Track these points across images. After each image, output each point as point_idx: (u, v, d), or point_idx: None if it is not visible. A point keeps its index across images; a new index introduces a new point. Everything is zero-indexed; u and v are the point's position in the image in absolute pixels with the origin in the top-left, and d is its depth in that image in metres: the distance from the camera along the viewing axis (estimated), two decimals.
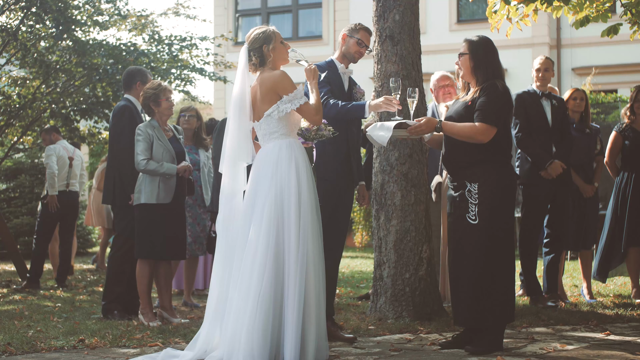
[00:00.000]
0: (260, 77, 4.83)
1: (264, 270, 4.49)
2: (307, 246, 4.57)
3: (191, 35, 12.27)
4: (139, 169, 6.28)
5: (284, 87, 4.72)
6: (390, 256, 6.16)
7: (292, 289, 4.47)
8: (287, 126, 4.77)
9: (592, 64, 19.04)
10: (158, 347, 5.15)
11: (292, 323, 4.42)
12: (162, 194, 6.32)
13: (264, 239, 4.54)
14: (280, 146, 4.73)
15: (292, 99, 4.71)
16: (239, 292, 4.53)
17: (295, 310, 4.43)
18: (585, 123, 7.43)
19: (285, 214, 4.59)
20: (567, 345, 5.04)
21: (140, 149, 6.27)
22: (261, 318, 4.40)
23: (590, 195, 7.38)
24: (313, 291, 4.56)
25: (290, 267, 4.51)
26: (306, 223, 4.61)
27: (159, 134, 6.39)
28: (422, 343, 5.19)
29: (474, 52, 5.03)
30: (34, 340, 5.35)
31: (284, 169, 4.65)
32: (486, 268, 4.80)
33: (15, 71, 12.37)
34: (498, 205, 4.84)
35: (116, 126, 6.71)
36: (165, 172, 6.27)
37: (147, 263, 6.37)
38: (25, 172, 15.36)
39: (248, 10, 23.11)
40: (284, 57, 4.94)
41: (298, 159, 4.71)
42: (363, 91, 5.71)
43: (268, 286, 4.47)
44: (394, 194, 6.18)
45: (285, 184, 4.62)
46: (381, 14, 6.30)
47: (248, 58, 4.85)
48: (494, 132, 4.86)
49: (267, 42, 4.85)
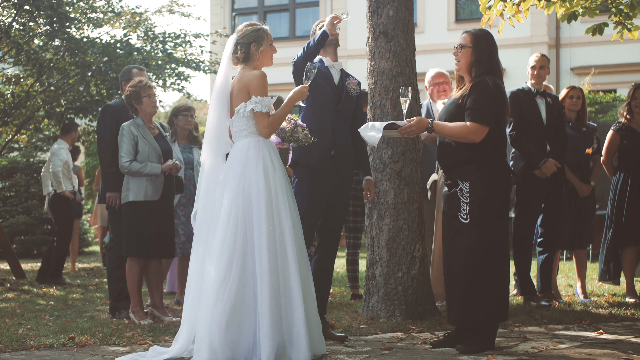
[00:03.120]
0: (240, 74, 4.83)
1: (231, 268, 4.50)
2: (285, 246, 4.56)
3: (185, 32, 12.24)
4: (123, 171, 6.27)
5: (257, 87, 4.72)
6: (383, 255, 6.12)
7: (266, 287, 4.45)
8: (255, 125, 4.76)
9: (591, 63, 18.99)
10: (148, 345, 5.12)
11: (266, 320, 4.40)
12: (150, 191, 6.29)
13: (230, 239, 4.54)
14: (249, 145, 4.73)
15: (257, 102, 4.71)
16: (205, 292, 4.55)
17: (268, 308, 4.42)
18: (581, 121, 7.39)
19: (254, 213, 4.58)
20: (559, 344, 5.00)
21: (123, 150, 6.24)
22: (225, 316, 4.42)
23: (586, 194, 7.33)
24: (296, 288, 4.53)
25: (263, 265, 4.49)
26: (280, 220, 4.60)
27: (144, 132, 6.35)
28: (413, 342, 5.15)
29: (477, 45, 4.92)
30: (23, 338, 5.32)
31: (251, 168, 4.65)
32: (478, 267, 4.75)
33: (9, 69, 12.33)
34: (490, 203, 4.79)
35: (98, 126, 6.87)
36: (149, 173, 6.25)
37: (137, 261, 6.34)
38: (21, 171, 15.34)
39: (245, 9, 23.05)
40: (268, 59, 4.94)
41: (266, 157, 4.70)
42: (357, 81, 5.62)
43: (234, 284, 4.48)
44: (387, 193, 6.14)
45: (253, 183, 4.62)
46: (375, 9, 6.26)
47: (234, 50, 4.84)
48: (486, 131, 4.80)
49: (256, 42, 4.84)
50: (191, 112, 7.40)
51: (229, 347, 4.40)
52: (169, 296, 8.01)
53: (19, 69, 12.11)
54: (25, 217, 14.76)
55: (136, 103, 6.37)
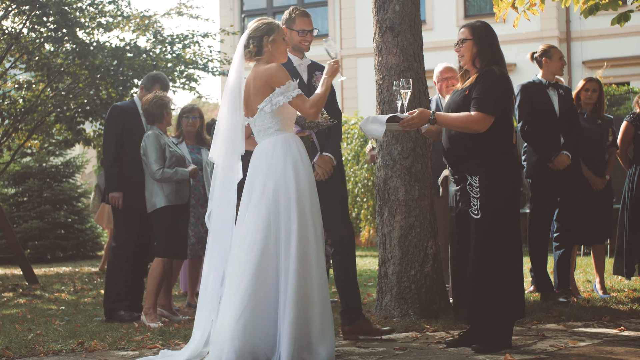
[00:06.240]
0: (254, 71, 4.69)
1: (256, 268, 4.37)
2: (309, 244, 4.44)
3: (193, 32, 12.21)
4: (155, 178, 6.38)
5: (279, 79, 4.57)
6: (395, 253, 6.02)
7: (292, 288, 4.34)
8: (281, 121, 4.62)
9: (603, 56, 18.84)
10: (158, 349, 5.05)
11: (288, 322, 4.28)
12: (179, 195, 6.49)
13: (259, 240, 4.42)
14: (275, 142, 4.59)
15: (284, 92, 4.56)
16: (229, 289, 4.43)
17: (292, 308, 4.30)
18: (597, 113, 7.24)
19: (282, 213, 4.45)
20: (578, 341, 4.88)
21: (152, 158, 6.37)
22: (247, 315, 4.30)
23: (601, 188, 7.19)
24: (317, 288, 4.44)
25: (290, 267, 4.37)
26: (307, 220, 4.48)
27: (167, 140, 6.57)
28: (427, 341, 5.05)
29: (477, 36, 4.86)
30: (32, 344, 5.27)
31: (279, 166, 4.51)
32: (491, 263, 4.64)
33: (21, 75, 12.35)
34: (501, 198, 4.68)
35: (105, 127, 6.95)
36: (179, 178, 6.42)
37: (165, 263, 6.45)
38: (34, 177, 15.38)
39: (254, 10, 23.04)
40: (282, 54, 4.79)
41: (295, 154, 4.57)
42: (322, 76, 5.44)
43: (261, 283, 4.36)
44: (398, 189, 6.04)
45: (281, 183, 4.49)
46: (381, 4, 6.17)
47: (245, 45, 4.72)
48: (491, 121, 4.69)
49: (268, 34, 4.70)
50: (194, 113, 7.33)
51: (249, 349, 4.29)
52: (180, 299, 7.95)
53: (31, 75, 12.13)
54: (38, 222, 14.78)
55: (158, 122, 6.57)
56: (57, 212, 15.29)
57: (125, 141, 6.69)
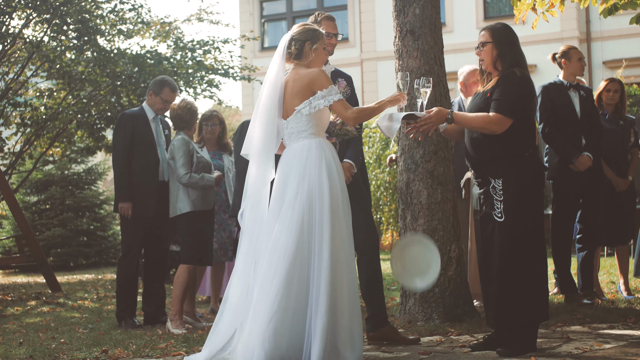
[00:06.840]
0: (295, 72, 4.68)
1: (288, 272, 4.35)
2: (341, 249, 4.44)
3: (213, 38, 12.23)
4: (182, 182, 6.44)
5: (321, 83, 4.58)
6: None
7: (323, 292, 4.32)
8: (316, 125, 4.61)
9: (623, 56, 18.68)
10: (181, 356, 5.05)
11: (320, 328, 4.26)
12: (205, 200, 6.54)
13: (292, 242, 4.40)
14: (310, 146, 4.57)
15: (325, 95, 4.56)
16: (259, 292, 4.41)
17: (323, 314, 4.28)
18: (619, 114, 7.18)
19: (316, 217, 4.44)
20: (604, 344, 4.83)
21: (180, 162, 6.45)
22: (277, 318, 4.28)
23: (624, 189, 7.13)
24: (347, 293, 4.43)
25: (322, 271, 4.36)
26: (340, 226, 4.48)
27: (195, 146, 6.66)
28: (452, 345, 5.02)
29: (498, 39, 4.83)
30: (56, 352, 5.29)
31: (313, 169, 4.50)
32: (515, 266, 4.61)
33: (42, 83, 12.45)
34: (524, 200, 4.65)
35: (113, 135, 6.99)
36: (205, 184, 6.48)
37: (191, 270, 6.48)
38: (56, 184, 15.45)
39: (274, 15, 23.08)
40: (320, 61, 4.80)
41: (329, 159, 4.56)
42: (344, 83, 5.40)
43: (292, 287, 4.34)
44: (420, 193, 6.01)
45: (315, 186, 4.47)
46: (401, 8, 6.15)
47: (287, 45, 4.71)
48: (509, 123, 4.67)
49: (312, 40, 4.71)
50: (213, 120, 7.30)
51: (279, 353, 4.27)
52: (204, 305, 7.96)
53: (52, 83, 12.22)
54: (61, 229, 14.85)
55: (187, 130, 6.70)
56: (80, 219, 15.36)
57: (134, 148, 6.66)
